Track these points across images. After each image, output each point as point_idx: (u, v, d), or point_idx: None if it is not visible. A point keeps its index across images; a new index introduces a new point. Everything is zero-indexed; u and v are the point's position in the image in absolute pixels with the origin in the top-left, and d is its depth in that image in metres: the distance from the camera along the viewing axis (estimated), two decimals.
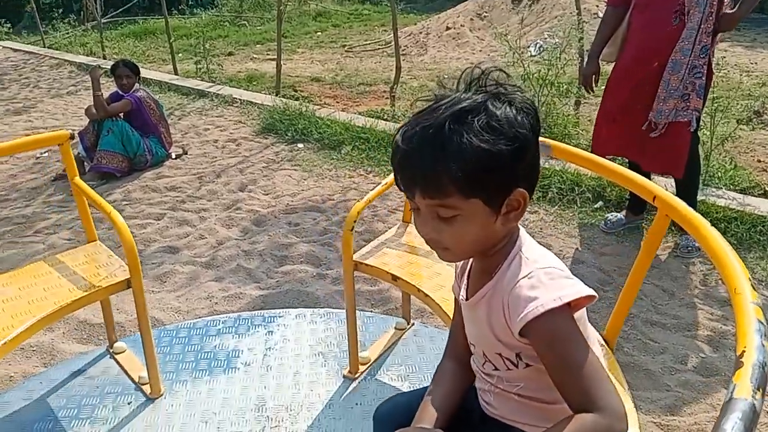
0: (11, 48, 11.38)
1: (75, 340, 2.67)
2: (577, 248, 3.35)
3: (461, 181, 0.93)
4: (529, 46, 7.84)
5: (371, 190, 2.17)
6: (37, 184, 4.64)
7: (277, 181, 4.46)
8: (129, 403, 2.20)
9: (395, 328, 2.58)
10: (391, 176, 1.12)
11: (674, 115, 3.06)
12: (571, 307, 0.97)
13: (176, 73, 8.11)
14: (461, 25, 9.95)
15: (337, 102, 6.72)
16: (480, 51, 9.06)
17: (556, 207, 3.81)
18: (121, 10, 12.59)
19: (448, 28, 9.94)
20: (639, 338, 2.60)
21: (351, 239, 2.08)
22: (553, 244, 3.39)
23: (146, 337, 2.09)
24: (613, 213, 3.58)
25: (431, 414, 1.16)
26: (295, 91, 7.07)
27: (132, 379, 2.32)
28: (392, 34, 6.88)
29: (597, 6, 8.81)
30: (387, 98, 6.47)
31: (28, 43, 11.75)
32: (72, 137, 2.30)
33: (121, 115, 4.75)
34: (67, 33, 12.12)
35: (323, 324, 2.65)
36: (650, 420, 2.17)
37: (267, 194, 4.25)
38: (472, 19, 10.14)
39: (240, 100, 6.64)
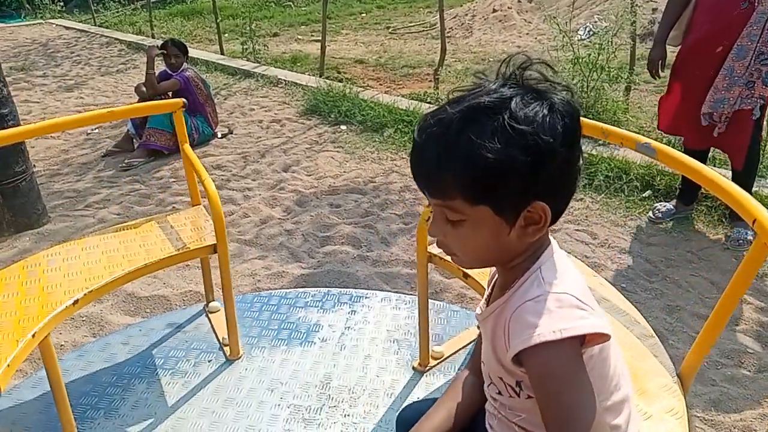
0: (64, 26, 11.67)
1: (123, 312, 2.76)
2: (623, 238, 3.28)
3: (465, 185, 0.85)
4: (578, 30, 7.65)
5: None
6: (88, 159, 4.77)
7: (319, 162, 4.48)
8: (209, 361, 2.34)
9: (478, 326, 2.56)
10: None
11: (739, 103, 2.95)
12: (583, 341, 0.86)
13: (222, 53, 8.20)
14: (508, 8, 9.77)
15: (380, 84, 6.70)
16: (527, 34, 8.89)
17: (603, 195, 3.74)
18: None
19: (494, 11, 9.78)
20: (685, 331, 2.54)
21: (426, 229, 2.05)
22: (599, 232, 3.32)
23: (228, 301, 2.20)
24: (662, 202, 3.49)
25: (432, 424, 1.12)
26: (339, 72, 7.07)
27: (218, 339, 2.45)
28: (437, 16, 6.80)
29: None
30: (431, 81, 6.42)
31: (79, 22, 12.03)
32: (184, 106, 2.37)
33: (170, 93, 4.83)
34: (117, 12, 12.36)
35: (406, 311, 2.61)
36: (695, 414, 2.12)
37: (310, 175, 4.28)
38: (519, 1, 9.94)
39: (284, 81, 6.68)
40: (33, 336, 1.66)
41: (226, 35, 8.92)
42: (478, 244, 0.92)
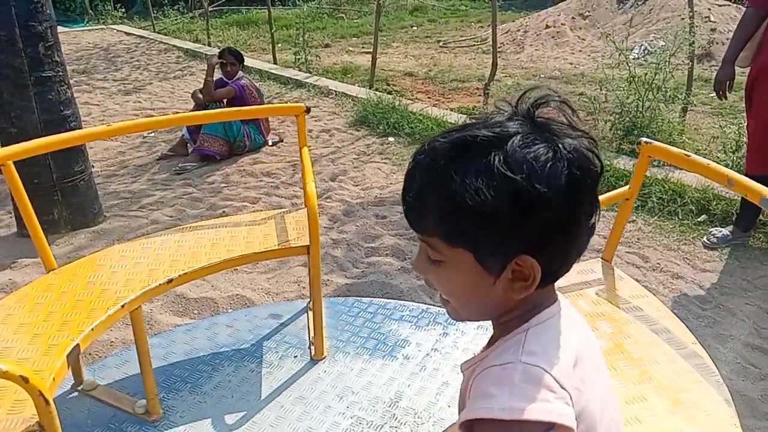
0: (124, 32, 12.09)
1: (171, 312, 2.82)
2: (675, 262, 3.19)
3: (441, 224, 0.77)
4: (632, 48, 7.53)
5: None
6: (143, 162, 4.91)
7: (367, 173, 4.51)
8: (294, 357, 2.44)
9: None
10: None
11: None
12: (550, 427, 0.72)
13: (275, 63, 8.35)
14: (561, 24, 9.68)
15: (429, 97, 6.71)
16: (580, 51, 8.79)
17: (656, 217, 3.65)
18: None
19: (547, 27, 9.70)
20: (738, 362, 2.45)
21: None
22: (651, 256, 3.24)
23: (316, 302, 2.28)
24: (717, 228, 3.38)
25: None
26: (388, 84, 7.12)
27: (309, 337, 2.53)
28: (489, 31, 6.79)
29: (709, 10, 8.33)
30: (480, 95, 6.40)
31: (139, 28, 12.45)
32: (308, 110, 2.44)
33: (224, 101, 4.94)
34: (176, 19, 12.75)
35: None
36: None
37: (357, 185, 4.31)
38: (573, 18, 9.84)
39: (335, 91, 6.76)
40: (122, 306, 1.86)
41: (280, 45, 9.10)
42: (459, 291, 0.83)
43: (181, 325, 2.71)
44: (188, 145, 4.97)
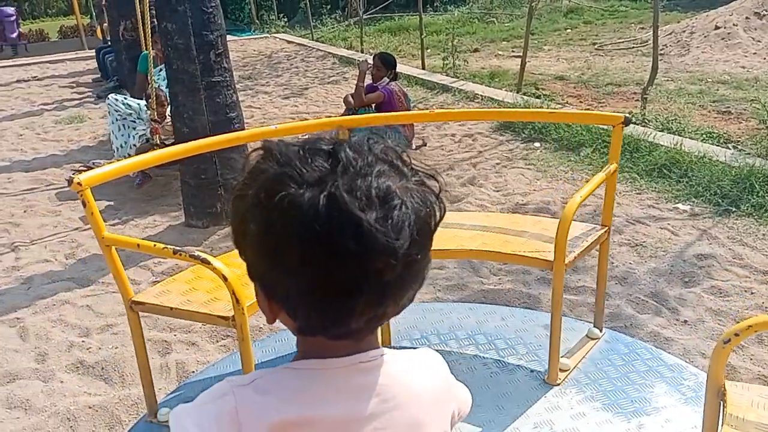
0: (286, 40, 12.91)
1: None
2: None
3: None
4: None
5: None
6: None
7: (508, 179, 4.45)
8: (526, 377, 2.29)
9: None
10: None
11: None
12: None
13: (424, 68, 8.48)
14: (733, 24, 8.85)
15: (581, 102, 6.45)
16: (754, 54, 7.99)
17: None
18: (380, 7, 13.50)
19: (716, 27, 8.92)
20: None
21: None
22: None
23: (555, 321, 2.16)
24: None
25: None
26: (537, 89, 6.94)
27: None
28: (650, 32, 6.39)
29: None
30: (637, 100, 6.04)
31: (299, 36, 13.22)
32: (626, 122, 2.29)
33: (373, 105, 5.12)
34: (332, 28, 13.38)
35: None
36: None
37: (497, 191, 4.26)
38: (747, 18, 8.96)
39: (481, 96, 6.72)
40: None
41: (429, 50, 9.21)
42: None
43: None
44: None
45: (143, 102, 4.63)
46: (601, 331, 2.48)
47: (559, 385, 2.21)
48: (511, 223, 2.52)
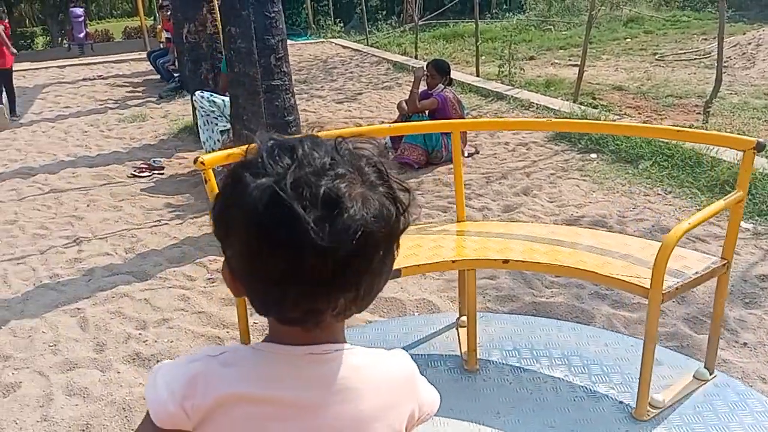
0: (341, 45, 13.04)
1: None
2: None
3: None
4: None
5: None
6: None
7: (563, 190, 4.37)
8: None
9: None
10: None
11: None
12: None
13: (478, 75, 8.43)
14: None
15: (639, 113, 6.30)
16: None
17: None
18: (436, 13, 13.51)
19: None
20: None
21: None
22: None
23: (647, 352, 2.05)
24: None
25: None
26: (594, 99, 6.81)
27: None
28: (714, 43, 6.19)
29: None
30: (699, 113, 5.87)
31: (354, 41, 13.34)
32: (759, 148, 2.04)
33: (426, 112, 5.12)
34: (387, 33, 13.46)
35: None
36: None
37: (551, 201, 4.20)
38: None
39: (536, 104, 6.64)
40: (453, 261, 2.28)
41: (483, 58, 9.16)
42: None
43: (373, 322, 2.86)
44: (390, 152, 5.22)
45: (227, 99, 4.79)
46: (711, 373, 2.29)
47: (646, 421, 2.08)
48: (603, 243, 2.38)
